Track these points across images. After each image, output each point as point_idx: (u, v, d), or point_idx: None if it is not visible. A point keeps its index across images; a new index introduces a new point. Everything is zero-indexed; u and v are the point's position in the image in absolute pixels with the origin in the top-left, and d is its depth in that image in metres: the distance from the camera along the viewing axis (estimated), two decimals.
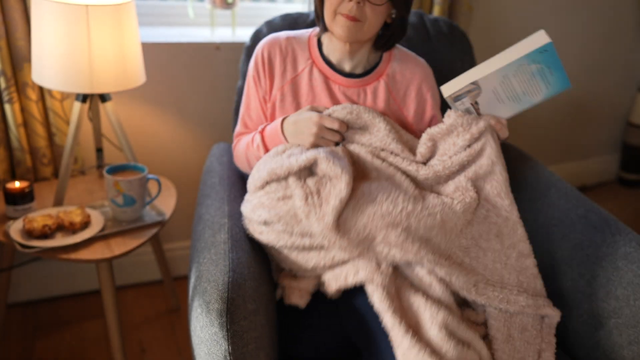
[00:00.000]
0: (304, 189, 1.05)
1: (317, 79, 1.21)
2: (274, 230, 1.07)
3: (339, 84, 1.22)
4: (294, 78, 1.22)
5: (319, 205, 1.03)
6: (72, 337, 1.65)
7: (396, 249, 1.02)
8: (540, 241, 1.26)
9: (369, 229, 1.02)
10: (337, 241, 1.02)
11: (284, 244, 1.06)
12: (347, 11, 1.10)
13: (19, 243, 1.24)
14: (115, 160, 1.68)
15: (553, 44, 0.97)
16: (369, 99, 1.22)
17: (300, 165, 1.06)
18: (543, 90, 1.07)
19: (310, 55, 1.23)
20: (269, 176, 1.08)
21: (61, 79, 1.27)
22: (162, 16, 1.78)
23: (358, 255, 1.03)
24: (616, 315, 1.05)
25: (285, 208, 1.05)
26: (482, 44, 2.13)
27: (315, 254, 1.06)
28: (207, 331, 0.92)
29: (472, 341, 0.98)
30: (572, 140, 2.64)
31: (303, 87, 1.22)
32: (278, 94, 1.22)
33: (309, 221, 1.03)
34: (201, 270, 1.00)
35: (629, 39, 2.53)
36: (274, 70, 1.22)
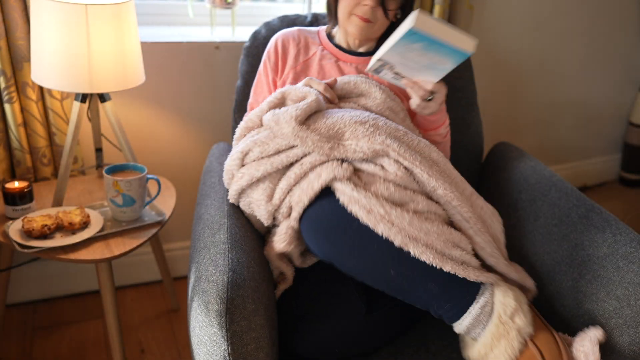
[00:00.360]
0: (273, 111, 1.13)
1: (328, 61, 1.34)
2: (251, 164, 1.11)
3: (349, 61, 1.34)
4: (305, 61, 1.34)
5: (285, 111, 1.10)
6: (71, 338, 1.65)
7: (364, 139, 1.07)
8: (541, 241, 1.26)
9: (338, 126, 1.09)
10: (308, 136, 1.07)
11: (264, 170, 1.09)
12: (361, 13, 1.22)
13: (18, 243, 1.24)
14: (115, 160, 1.68)
15: (416, 30, 1.02)
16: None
17: (270, 102, 1.16)
18: (447, 59, 1.10)
19: (320, 42, 1.36)
20: (245, 124, 1.19)
21: (60, 78, 1.27)
22: (161, 16, 1.78)
23: (329, 150, 1.07)
24: (617, 315, 1.05)
25: (259, 135, 1.12)
26: (483, 44, 2.12)
27: (293, 168, 1.09)
28: (206, 331, 0.92)
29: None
30: (573, 140, 2.63)
31: (313, 68, 1.33)
32: (291, 73, 1.33)
33: (279, 127, 1.09)
34: (200, 270, 1.00)
35: (630, 38, 2.52)
36: (288, 54, 1.34)
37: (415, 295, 1.04)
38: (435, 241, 1.01)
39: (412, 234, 1.00)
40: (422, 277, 1.02)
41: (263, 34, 1.51)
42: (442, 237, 1.03)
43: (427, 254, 1.00)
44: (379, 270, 1.02)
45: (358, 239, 1.01)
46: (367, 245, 1.01)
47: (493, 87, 2.24)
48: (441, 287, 1.02)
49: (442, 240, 1.02)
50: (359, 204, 1.01)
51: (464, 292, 1.03)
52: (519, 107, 2.37)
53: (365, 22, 1.23)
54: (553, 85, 2.41)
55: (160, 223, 1.39)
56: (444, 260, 1.00)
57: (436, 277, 1.02)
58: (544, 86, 2.39)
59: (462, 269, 1.02)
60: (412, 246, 0.99)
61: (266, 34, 1.51)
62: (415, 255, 1.00)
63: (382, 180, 1.06)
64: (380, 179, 1.06)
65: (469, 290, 1.03)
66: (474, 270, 1.03)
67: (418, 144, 1.12)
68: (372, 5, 1.21)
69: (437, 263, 1.00)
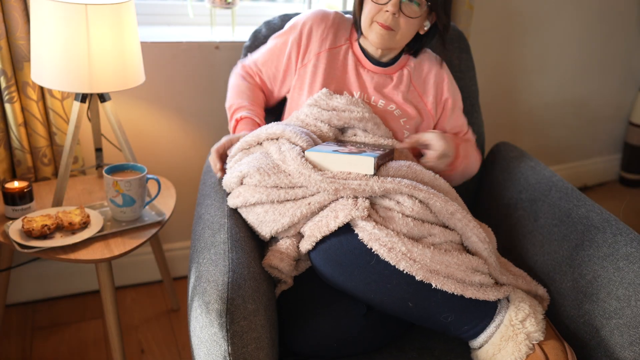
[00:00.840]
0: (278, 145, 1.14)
1: (351, 60, 1.32)
2: (249, 186, 1.09)
3: (368, 68, 1.32)
4: (332, 48, 1.31)
5: (292, 148, 1.11)
6: (71, 338, 1.65)
7: (373, 178, 1.05)
8: (542, 241, 1.26)
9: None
10: (311, 175, 1.04)
11: (258, 198, 1.07)
12: (382, 20, 1.21)
13: (17, 243, 1.24)
14: (115, 160, 1.67)
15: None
16: (393, 84, 1.31)
17: (269, 133, 1.17)
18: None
19: (349, 38, 1.33)
20: (241, 144, 1.19)
21: (60, 78, 1.27)
22: (161, 15, 1.78)
23: (334, 193, 1.04)
24: (617, 315, 1.05)
25: (263, 160, 1.11)
26: (483, 43, 2.12)
27: (291, 205, 1.06)
28: (206, 332, 0.92)
29: None
30: (573, 140, 2.63)
31: (338, 61, 1.31)
32: (313, 59, 1.30)
33: (285, 164, 1.08)
34: (201, 270, 0.99)
35: (630, 38, 2.52)
36: (314, 36, 1.31)
37: (433, 321, 1.05)
38: (456, 271, 1.03)
39: (433, 269, 1.01)
40: (441, 306, 1.03)
41: (264, 33, 1.51)
42: (462, 266, 1.04)
43: (449, 285, 1.01)
44: (397, 303, 1.03)
45: (377, 275, 1.01)
46: (387, 280, 1.01)
47: (493, 87, 2.24)
48: (460, 312, 1.04)
49: (462, 270, 1.04)
50: (380, 241, 1.00)
51: (482, 314, 1.04)
52: (519, 107, 2.37)
53: (387, 29, 1.21)
54: (553, 85, 2.41)
55: (160, 223, 1.39)
56: (464, 288, 1.02)
57: (455, 304, 1.03)
58: (544, 86, 2.39)
59: (482, 292, 1.03)
60: (434, 280, 1.00)
61: (267, 33, 1.50)
62: (437, 287, 1.01)
63: (400, 216, 1.05)
64: (398, 214, 1.05)
65: (486, 310, 1.05)
66: (492, 290, 1.05)
67: (423, 174, 1.14)
68: (393, 11, 1.19)
69: (459, 291, 1.01)
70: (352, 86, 1.30)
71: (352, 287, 1.03)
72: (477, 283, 1.05)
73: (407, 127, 1.31)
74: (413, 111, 1.31)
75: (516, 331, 1.01)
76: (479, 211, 1.51)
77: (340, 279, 1.03)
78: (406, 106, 1.30)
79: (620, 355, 1.03)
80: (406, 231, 1.03)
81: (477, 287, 1.04)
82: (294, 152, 1.09)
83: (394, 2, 1.18)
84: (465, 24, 1.87)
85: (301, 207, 1.05)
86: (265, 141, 1.17)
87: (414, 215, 1.06)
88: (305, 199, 1.06)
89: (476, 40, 2.10)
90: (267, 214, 1.08)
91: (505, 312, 1.04)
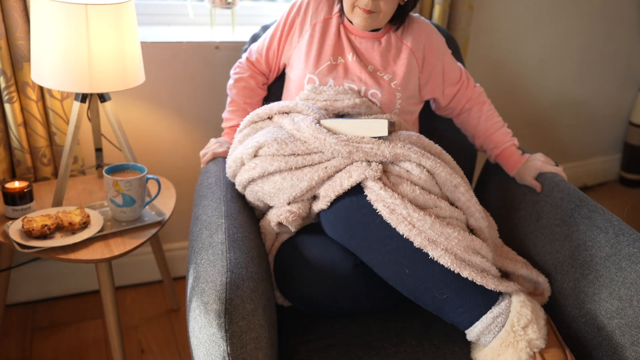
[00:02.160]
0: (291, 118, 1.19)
1: (341, 29, 1.36)
2: (266, 157, 1.13)
3: (355, 34, 1.36)
4: (326, 19, 1.37)
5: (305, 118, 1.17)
6: (71, 338, 1.65)
7: (384, 144, 1.11)
8: (543, 241, 1.26)
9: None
10: (326, 139, 1.10)
11: (277, 166, 1.11)
12: (363, 5, 1.25)
13: (17, 243, 1.23)
14: (115, 160, 1.67)
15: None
16: (382, 46, 1.35)
17: (281, 107, 1.23)
18: None
19: (338, 10, 1.38)
20: (251, 117, 1.25)
21: (60, 78, 1.27)
22: (161, 15, 1.77)
23: (348, 155, 1.09)
24: (619, 315, 1.05)
25: (277, 131, 1.16)
26: (483, 44, 2.12)
27: (308, 170, 1.11)
28: (205, 332, 0.91)
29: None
30: (573, 140, 2.63)
31: (331, 30, 1.36)
32: (309, 29, 1.36)
33: (300, 132, 1.13)
34: (199, 271, 0.99)
35: (630, 38, 2.52)
36: (311, 9, 1.37)
37: (427, 297, 1.04)
38: (456, 246, 1.03)
39: (432, 237, 1.02)
40: (437, 280, 1.03)
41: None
42: (463, 243, 1.04)
43: (446, 258, 1.01)
44: (394, 268, 1.04)
45: (378, 235, 1.05)
46: (387, 242, 1.04)
47: (493, 87, 2.24)
48: (456, 292, 1.02)
49: (462, 246, 1.04)
50: (384, 202, 1.05)
51: (479, 300, 1.03)
52: (519, 107, 2.37)
53: (369, 13, 1.26)
54: (553, 85, 2.41)
55: (160, 223, 1.38)
56: (462, 265, 1.02)
57: (452, 281, 1.02)
58: (544, 86, 2.38)
59: (481, 276, 1.02)
60: (430, 249, 1.02)
61: None
62: (433, 258, 1.02)
63: (408, 182, 1.09)
64: (406, 181, 1.09)
65: (484, 299, 1.03)
66: (493, 279, 1.04)
67: (431, 146, 1.18)
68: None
69: (455, 268, 1.01)
70: (345, 49, 1.34)
71: (355, 245, 1.07)
72: (478, 266, 1.04)
73: (398, 89, 1.33)
74: (402, 71, 1.34)
75: (517, 338, 1.00)
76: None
77: (346, 236, 1.08)
78: (395, 67, 1.34)
79: (621, 355, 1.03)
80: (412, 197, 1.07)
81: (477, 270, 1.03)
82: (308, 120, 1.15)
83: None
84: (465, 24, 1.87)
85: (318, 171, 1.10)
86: (276, 115, 1.23)
87: (422, 184, 1.10)
88: (322, 163, 1.11)
89: (476, 40, 2.10)
90: (285, 181, 1.11)
91: (507, 308, 1.02)
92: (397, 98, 1.33)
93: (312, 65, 1.33)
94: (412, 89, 1.36)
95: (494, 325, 1.02)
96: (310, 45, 1.35)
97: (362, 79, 1.31)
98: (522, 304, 1.03)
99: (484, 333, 1.03)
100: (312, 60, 1.33)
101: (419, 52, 1.36)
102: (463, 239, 1.04)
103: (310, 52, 1.34)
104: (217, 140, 1.41)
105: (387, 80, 1.32)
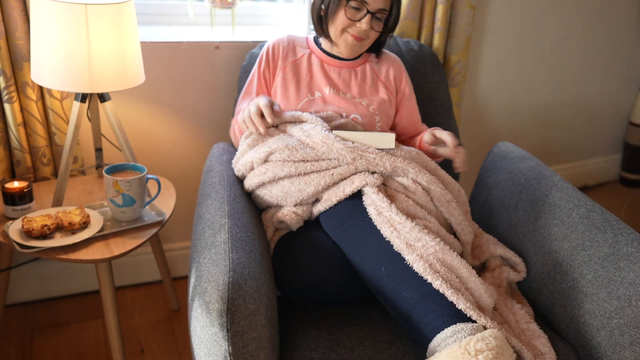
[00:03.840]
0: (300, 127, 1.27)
1: (315, 63, 1.44)
2: (276, 162, 1.21)
3: (333, 65, 1.44)
4: (294, 61, 1.44)
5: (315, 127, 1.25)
6: (71, 338, 1.65)
7: (386, 156, 1.20)
8: (542, 241, 1.26)
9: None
10: (334, 144, 1.19)
11: (287, 171, 1.20)
12: (356, 32, 1.34)
13: (17, 243, 1.23)
14: (115, 160, 1.67)
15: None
16: (359, 77, 1.45)
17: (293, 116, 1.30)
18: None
19: (308, 46, 1.47)
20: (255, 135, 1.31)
21: (60, 78, 1.27)
22: (161, 15, 1.78)
23: (352, 161, 1.19)
24: (618, 315, 1.05)
25: (288, 139, 1.24)
26: (483, 44, 2.12)
27: (316, 175, 1.19)
28: (207, 331, 0.92)
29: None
30: (574, 140, 2.63)
31: (303, 68, 1.43)
32: (281, 73, 1.42)
33: (310, 138, 1.22)
34: (201, 270, 0.99)
35: (630, 38, 2.52)
36: (278, 56, 1.44)
37: (399, 301, 1.03)
38: (432, 255, 1.04)
39: (409, 242, 1.06)
40: (410, 283, 1.03)
41: (258, 53, 1.57)
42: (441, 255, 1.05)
43: (419, 264, 1.03)
44: (373, 266, 1.07)
45: (364, 232, 1.11)
46: (370, 239, 1.10)
47: (493, 87, 2.24)
48: (424, 297, 1.00)
49: (438, 258, 1.04)
50: (374, 205, 1.13)
51: (446, 310, 0.98)
52: (519, 107, 2.37)
53: (359, 40, 1.35)
54: (553, 86, 2.41)
55: (160, 223, 1.39)
56: (435, 276, 1.01)
57: (423, 288, 1.01)
58: (543, 86, 2.39)
59: (453, 293, 0.99)
60: (407, 253, 1.05)
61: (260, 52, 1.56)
62: (408, 263, 1.04)
63: (404, 196, 1.18)
64: (402, 194, 1.18)
65: (453, 311, 0.98)
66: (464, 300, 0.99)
67: (427, 162, 1.26)
68: (367, 28, 1.32)
69: (427, 276, 1.02)
70: (321, 84, 1.41)
71: (344, 239, 1.13)
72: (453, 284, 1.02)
73: (376, 113, 1.42)
74: (378, 99, 1.43)
75: (464, 357, 0.89)
76: (480, 211, 1.51)
77: (338, 230, 1.15)
78: (372, 96, 1.43)
79: (620, 355, 1.03)
80: (404, 207, 1.15)
81: (449, 286, 0.99)
82: (318, 128, 1.24)
83: (367, 20, 1.32)
84: (466, 24, 1.87)
85: (325, 177, 1.19)
86: (284, 125, 1.30)
87: (416, 199, 1.19)
88: (329, 170, 1.20)
89: (477, 40, 2.10)
90: (293, 185, 1.20)
91: (472, 330, 0.94)
92: (376, 121, 1.42)
93: (292, 103, 1.40)
94: (389, 113, 1.46)
95: (452, 339, 0.94)
96: (285, 88, 1.41)
97: (342, 106, 1.39)
98: (493, 334, 0.93)
99: (441, 345, 0.95)
100: (292, 100, 1.40)
101: (390, 85, 1.47)
102: (441, 250, 1.04)
103: (287, 93, 1.41)
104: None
105: (365, 105, 1.41)
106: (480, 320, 0.97)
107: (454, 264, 1.05)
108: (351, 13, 1.32)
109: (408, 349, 1.08)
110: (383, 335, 1.11)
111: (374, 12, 1.32)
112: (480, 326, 0.97)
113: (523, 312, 1.15)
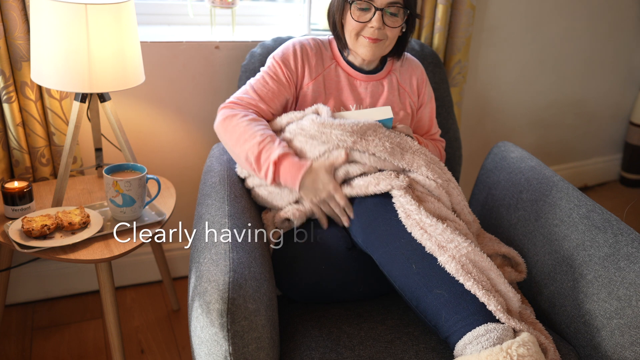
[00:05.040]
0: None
1: (342, 77, 1.37)
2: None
3: (359, 80, 1.38)
4: (324, 73, 1.36)
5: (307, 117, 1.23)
6: (71, 338, 1.65)
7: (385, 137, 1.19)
8: (542, 241, 1.26)
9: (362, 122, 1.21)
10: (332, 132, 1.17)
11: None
12: (369, 35, 1.27)
13: (17, 243, 1.23)
14: (115, 160, 1.67)
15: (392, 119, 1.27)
16: (385, 89, 1.39)
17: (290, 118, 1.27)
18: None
19: (333, 56, 1.38)
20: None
21: (60, 78, 1.27)
22: (161, 16, 1.78)
23: (352, 144, 1.17)
24: (618, 315, 1.05)
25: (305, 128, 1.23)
26: (483, 44, 2.12)
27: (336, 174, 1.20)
28: (207, 331, 0.91)
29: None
30: (574, 140, 2.63)
31: (332, 82, 1.37)
32: (311, 85, 1.35)
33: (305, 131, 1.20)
34: (201, 270, 0.99)
35: (630, 38, 2.52)
36: (307, 62, 1.35)
37: (428, 299, 1.03)
38: (464, 257, 1.04)
39: (441, 243, 1.05)
40: (441, 281, 1.03)
41: (259, 53, 1.57)
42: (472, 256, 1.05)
43: (452, 265, 1.02)
44: (402, 263, 1.07)
45: (394, 230, 1.10)
46: (401, 238, 1.08)
47: (493, 87, 2.24)
48: (455, 296, 1.01)
49: (470, 259, 1.05)
50: (403, 208, 1.11)
51: (477, 309, 0.99)
52: (519, 107, 2.37)
53: (375, 42, 1.28)
54: (553, 85, 2.41)
55: (160, 223, 1.38)
56: (467, 277, 1.01)
57: (455, 285, 1.02)
58: (544, 86, 2.39)
59: (484, 293, 1.00)
60: (439, 254, 1.04)
61: (262, 52, 1.57)
62: (440, 264, 1.03)
63: (432, 198, 1.17)
64: (431, 197, 1.18)
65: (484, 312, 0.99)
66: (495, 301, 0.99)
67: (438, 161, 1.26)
68: (378, 26, 1.25)
69: (459, 277, 1.01)
70: (348, 101, 1.36)
71: (373, 238, 1.12)
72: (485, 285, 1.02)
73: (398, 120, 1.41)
74: (404, 112, 1.41)
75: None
76: (480, 211, 1.51)
77: (368, 229, 1.13)
78: (399, 110, 1.40)
79: (621, 355, 1.03)
80: (433, 208, 1.15)
81: (480, 287, 1.01)
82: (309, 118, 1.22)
83: (377, 18, 1.24)
84: (466, 23, 1.87)
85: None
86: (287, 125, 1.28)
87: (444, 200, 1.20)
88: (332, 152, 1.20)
89: (477, 40, 2.10)
90: (308, 145, 1.20)
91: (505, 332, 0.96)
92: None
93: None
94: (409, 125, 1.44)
95: (484, 338, 0.95)
96: (314, 101, 1.34)
97: None
98: (531, 339, 0.95)
99: (472, 343, 0.95)
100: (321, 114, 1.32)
101: (414, 95, 1.43)
102: (473, 252, 1.05)
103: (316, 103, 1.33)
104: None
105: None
106: (510, 322, 0.99)
107: (484, 266, 1.06)
108: (358, 15, 1.26)
109: (408, 348, 1.08)
110: (383, 334, 1.11)
111: (382, 8, 1.24)
112: (510, 328, 0.99)
113: (529, 312, 1.16)
